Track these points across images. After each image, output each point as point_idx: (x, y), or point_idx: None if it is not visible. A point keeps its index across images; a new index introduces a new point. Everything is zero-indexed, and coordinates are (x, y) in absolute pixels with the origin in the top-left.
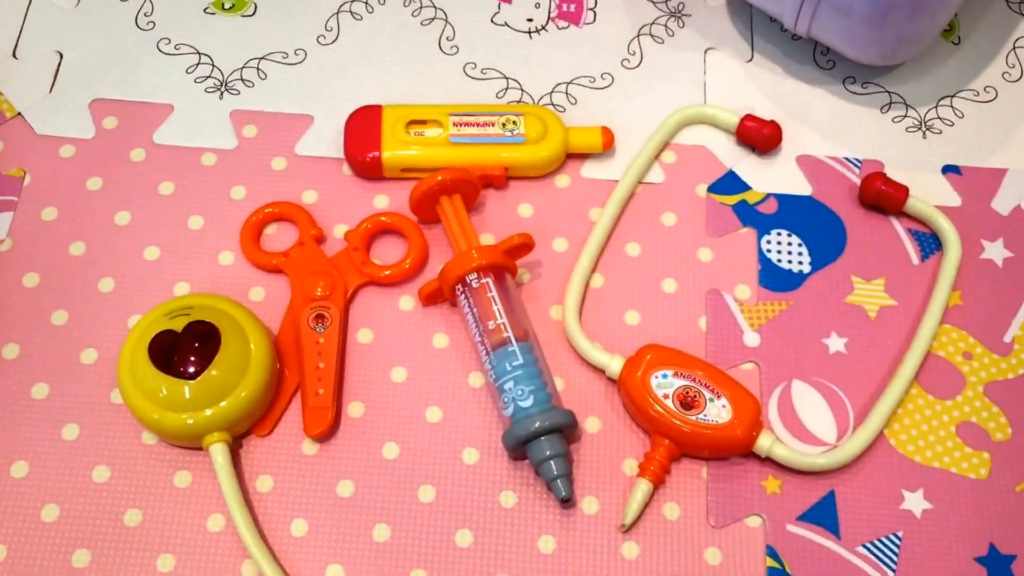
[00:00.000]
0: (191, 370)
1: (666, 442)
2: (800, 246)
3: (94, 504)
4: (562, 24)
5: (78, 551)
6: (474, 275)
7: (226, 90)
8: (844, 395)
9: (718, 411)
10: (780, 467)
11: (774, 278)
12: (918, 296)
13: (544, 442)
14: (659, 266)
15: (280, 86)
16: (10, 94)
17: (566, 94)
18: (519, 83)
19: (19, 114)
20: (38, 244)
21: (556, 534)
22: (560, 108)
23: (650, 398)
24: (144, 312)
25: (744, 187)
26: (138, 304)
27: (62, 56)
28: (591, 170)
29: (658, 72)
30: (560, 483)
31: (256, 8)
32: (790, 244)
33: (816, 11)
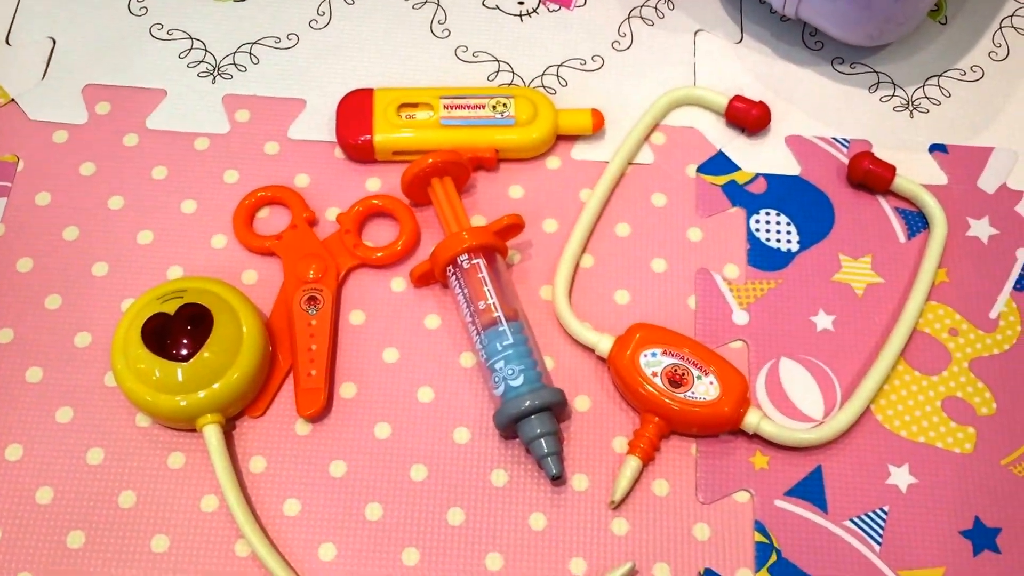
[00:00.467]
0: (184, 352)
1: (655, 419)
2: (788, 225)
3: (88, 486)
4: (553, 7)
5: (72, 532)
6: (465, 256)
7: (219, 75)
8: (831, 372)
9: (706, 388)
10: (768, 443)
11: (763, 257)
12: (905, 274)
13: (534, 420)
14: (648, 246)
15: (272, 70)
16: (3, 80)
17: (557, 76)
18: (510, 66)
19: (12, 100)
20: (31, 229)
21: (547, 511)
22: (551, 90)
23: (639, 376)
24: (137, 296)
25: (733, 167)
26: (131, 288)
27: (55, 42)
28: (581, 152)
29: (648, 54)
30: (550, 461)
31: None
32: (778, 223)
33: None
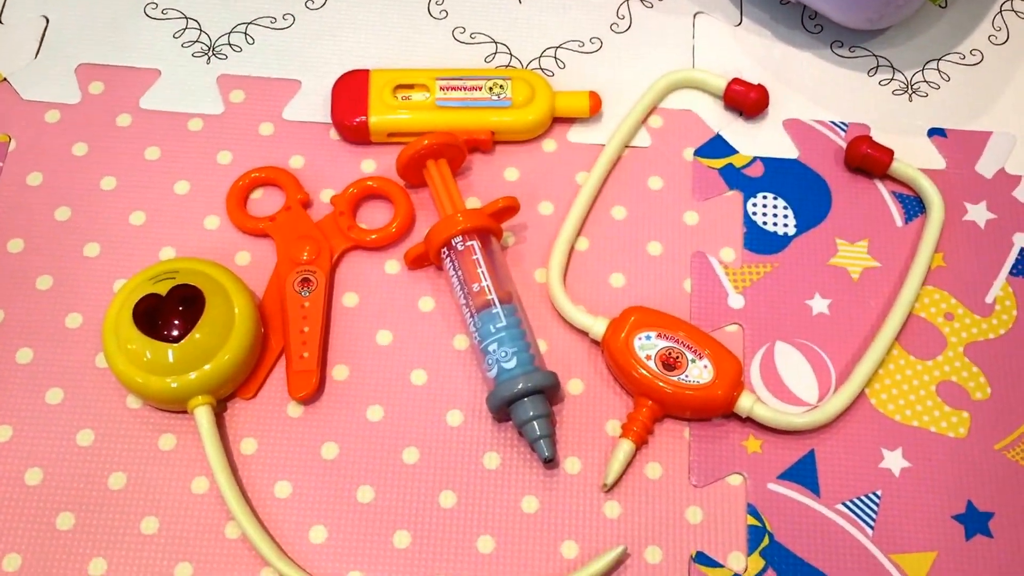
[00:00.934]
0: (175, 334)
1: (648, 403)
2: (785, 209)
3: (78, 467)
4: None
5: (62, 514)
6: (459, 238)
7: (213, 55)
8: (826, 356)
9: (699, 371)
10: (761, 427)
11: (759, 241)
12: (901, 258)
13: (527, 403)
14: (645, 229)
15: (267, 51)
16: None
17: (555, 58)
18: (508, 47)
19: (4, 79)
20: (23, 209)
21: (539, 494)
22: (549, 72)
23: (633, 359)
24: (129, 276)
25: (731, 151)
26: (123, 268)
27: (48, 20)
28: (578, 134)
29: (646, 36)
30: (543, 443)
31: None
32: (775, 207)
33: None
